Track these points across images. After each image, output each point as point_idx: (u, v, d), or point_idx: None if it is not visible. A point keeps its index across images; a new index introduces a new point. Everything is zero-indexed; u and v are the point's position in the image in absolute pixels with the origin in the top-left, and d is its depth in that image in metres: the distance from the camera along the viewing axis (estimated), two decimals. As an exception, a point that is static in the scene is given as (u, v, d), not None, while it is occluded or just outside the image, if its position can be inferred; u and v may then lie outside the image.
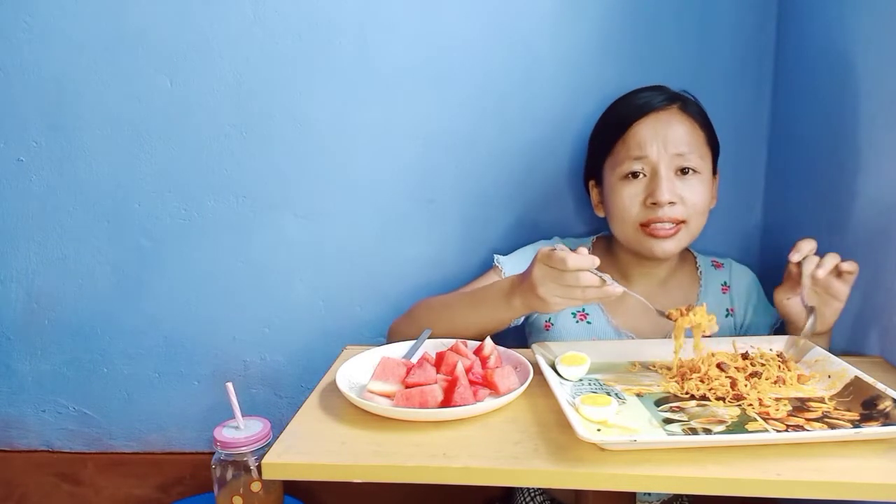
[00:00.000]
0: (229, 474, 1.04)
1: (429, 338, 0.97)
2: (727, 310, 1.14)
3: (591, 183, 1.14)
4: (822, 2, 1.10)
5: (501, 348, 0.91)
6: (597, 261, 0.84)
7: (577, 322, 1.12)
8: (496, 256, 1.18)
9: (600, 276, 0.84)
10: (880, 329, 0.95)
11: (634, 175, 1.01)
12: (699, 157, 1.02)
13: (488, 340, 0.91)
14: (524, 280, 0.90)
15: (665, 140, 1.00)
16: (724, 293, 1.15)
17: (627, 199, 1.02)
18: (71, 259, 1.37)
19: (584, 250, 0.84)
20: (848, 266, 0.90)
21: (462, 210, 1.33)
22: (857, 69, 1.00)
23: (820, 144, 1.11)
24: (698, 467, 0.66)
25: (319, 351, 1.38)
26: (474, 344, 0.91)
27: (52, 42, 1.28)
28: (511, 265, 1.15)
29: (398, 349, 0.94)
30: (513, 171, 1.30)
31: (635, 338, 1.09)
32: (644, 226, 1.02)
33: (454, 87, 1.28)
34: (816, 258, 0.90)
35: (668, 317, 0.89)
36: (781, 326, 1.09)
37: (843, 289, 0.91)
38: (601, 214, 1.13)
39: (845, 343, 1.02)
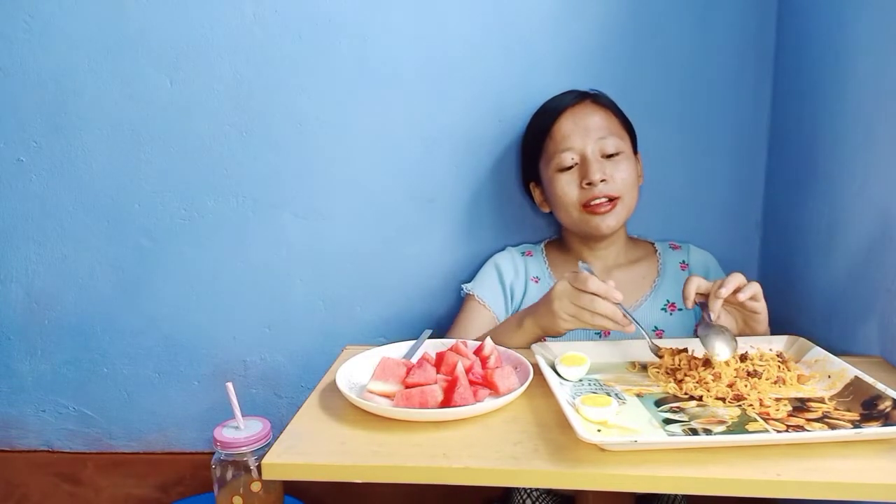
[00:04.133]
0: (229, 474, 1.04)
1: (429, 338, 0.97)
2: None
3: (532, 185, 1.23)
4: (822, 2, 1.10)
5: (501, 348, 0.91)
6: (619, 296, 0.90)
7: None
8: (463, 286, 1.23)
9: (624, 312, 0.90)
10: (880, 329, 0.95)
11: (568, 166, 1.12)
12: (619, 139, 1.13)
13: (488, 340, 0.90)
14: (543, 298, 0.97)
15: (586, 128, 1.12)
16: (682, 270, 1.21)
17: (566, 186, 1.13)
18: (71, 259, 1.37)
19: (611, 283, 0.91)
20: (749, 292, 0.90)
21: (462, 210, 1.33)
22: (857, 69, 1.00)
23: (820, 144, 1.11)
24: (698, 467, 0.66)
25: (319, 351, 1.38)
26: (474, 344, 0.91)
27: (52, 42, 1.28)
28: (480, 288, 1.22)
29: (398, 349, 0.94)
30: (512, 171, 1.31)
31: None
32: (585, 206, 1.12)
33: (454, 87, 1.28)
34: (721, 280, 0.91)
35: (658, 353, 0.92)
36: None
37: (756, 304, 0.93)
38: (546, 210, 1.22)
39: (845, 343, 1.02)
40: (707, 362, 0.87)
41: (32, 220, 1.36)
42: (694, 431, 0.72)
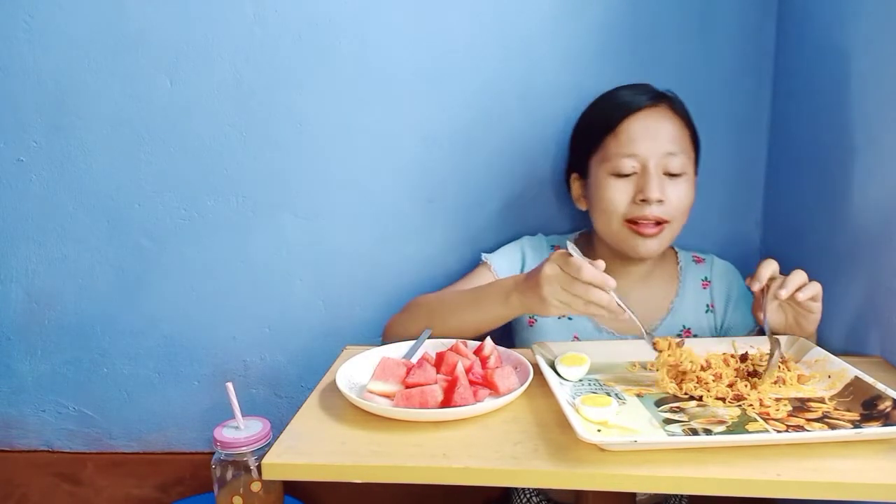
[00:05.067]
0: (229, 474, 1.04)
1: (429, 337, 0.97)
2: (707, 305, 1.15)
3: (574, 176, 1.14)
4: (822, 2, 1.10)
5: (501, 348, 0.91)
6: (613, 283, 0.83)
7: (559, 318, 1.12)
8: (483, 255, 1.20)
9: (617, 301, 0.84)
10: (880, 329, 0.95)
11: (626, 174, 1.02)
12: (686, 158, 1.03)
13: (488, 340, 0.90)
14: (531, 277, 0.89)
15: (656, 138, 1.01)
16: (704, 288, 1.15)
17: (617, 194, 1.02)
18: (71, 259, 1.37)
19: (601, 264, 0.84)
20: (810, 292, 0.88)
21: (462, 210, 1.33)
22: (857, 69, 1.00)
23: (820, 144, 1.11)
24: (698, 467, 0.66)
25: (319, 351, 1.38)
26: (474, 344, 0.91)
27: (52, 42, 1.28)
28: (499, 260, 1.17)
29: (398, 349, 0.94)
30: (513, 171, 1.30)
31: (616, 335, 1.11)
32: (630, 222, 1.02)
33: (454, 88, 1.28)
34: (781, 278, 0.88)
35: (655, 346, 0.88)
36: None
37: (814, 305, 0.90)
38: (582, 207, 1.13)
39: (845, 343, 1.02)
40: (707, 364, 0.87)
41: (32, 220, 1.36)
42: (694, 431, 0.72)
